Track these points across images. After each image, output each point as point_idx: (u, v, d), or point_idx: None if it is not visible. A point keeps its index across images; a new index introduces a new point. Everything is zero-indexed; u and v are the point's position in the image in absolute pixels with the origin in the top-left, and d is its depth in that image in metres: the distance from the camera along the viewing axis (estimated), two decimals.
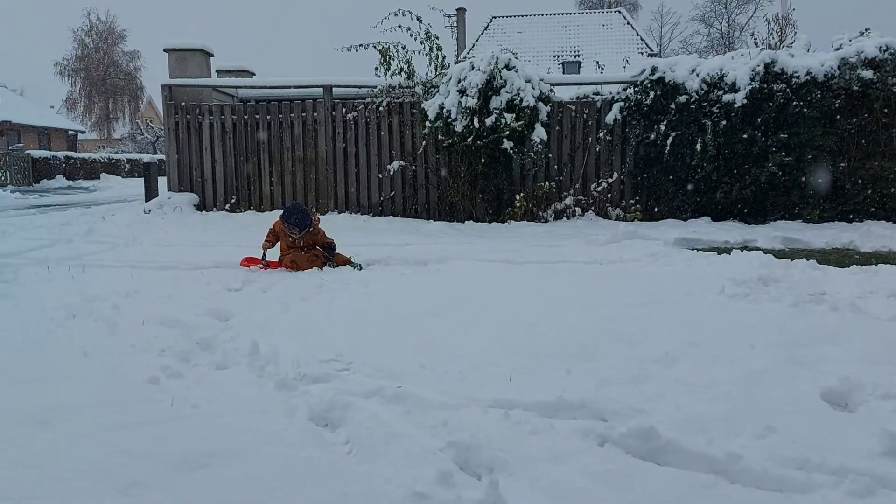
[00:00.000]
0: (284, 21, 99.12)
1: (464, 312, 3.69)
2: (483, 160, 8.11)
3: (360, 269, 5.14)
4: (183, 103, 9.25)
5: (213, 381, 2.72)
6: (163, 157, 22.00)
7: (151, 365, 2.86)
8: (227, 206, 9.21)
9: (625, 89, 8.47)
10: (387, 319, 3.59)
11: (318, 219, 5.41)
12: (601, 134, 8.55)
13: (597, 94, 8.72)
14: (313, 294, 4.27)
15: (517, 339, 3.22)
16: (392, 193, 8.93)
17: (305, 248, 5.25)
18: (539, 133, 7.93)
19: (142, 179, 11.48)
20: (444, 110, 7.89)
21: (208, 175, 9.27)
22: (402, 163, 8.72)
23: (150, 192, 10.50)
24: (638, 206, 8.49)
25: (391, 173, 8.75)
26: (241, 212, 9.14)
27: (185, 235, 7.20)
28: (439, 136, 8.09)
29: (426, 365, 2.89)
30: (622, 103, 8.41)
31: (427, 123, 8.17)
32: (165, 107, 9.35)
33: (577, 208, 8.53)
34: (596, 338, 3.20)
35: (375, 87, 8.79)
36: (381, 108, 8.79)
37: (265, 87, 10.20)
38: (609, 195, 8.62)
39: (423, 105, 8.33)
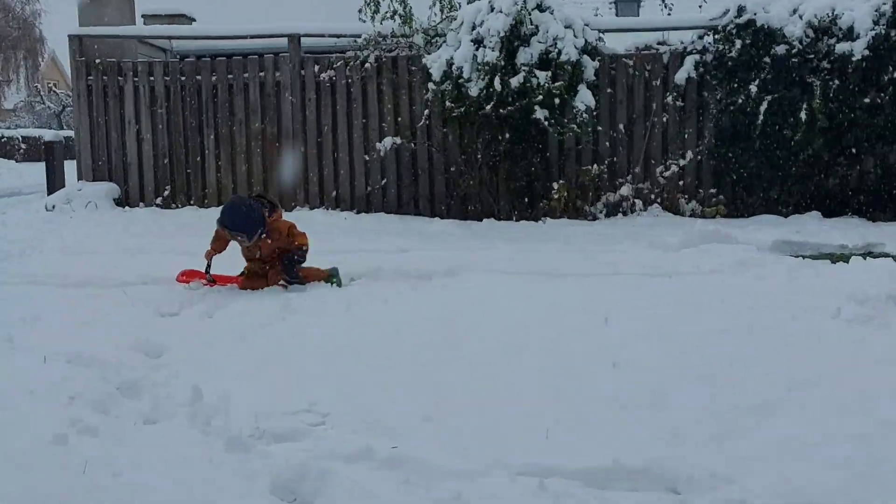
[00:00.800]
0: None
1: (482, 344, 3.67)
2: (507, 135, 8.11)
3: (340, 285, 5.14)
4: (98, 60, 9.32)
5: (141, 440, 2.72)
6: (71, 134, 22.10)
7: (57, 418, 2.85)
8: (159, 201, 9.26)
9: (701, 37, 8.45)
10: (377, 354, 3.58)
11: (280, 212, 5.33)
12: (669, 98, 8.53)
13: (662, 43, 8.70)
14: (278, 320, 4.27)
15: (556, 379, 3.20)
16: (384, 182, 8.95)
17: (270, 260, 5.22)
18: (584, 98, 7.92)
19: (43, 165, 11.51)
20: (454, 67, 7.91)
21: (133, 158, 9.33)
22: (396, 140, 8.74)
23: (54, 182, 10.56)
24: (720, 196, 8.46)
25: (382, 154, 8.77)
26: (177, 207, 9.18)
27: (103, 240, 7.23)
28: (447, 103, 8.10)
29: (432, 416, 2.88)
30: (697, 56, 8.40)
31: (430, 86, 8.19)
32: (74, 65, 9.43)
33: (636, 200, 8.51)
34: (665, 377, 3.18)
35: (359, 36, 8.84)
36: (367, 66, 8.82)
37: (210, 38, 10.27)
38: (681, 182, 8.59)
39: (424, 60, 8.36)
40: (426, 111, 8.65)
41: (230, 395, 3.06)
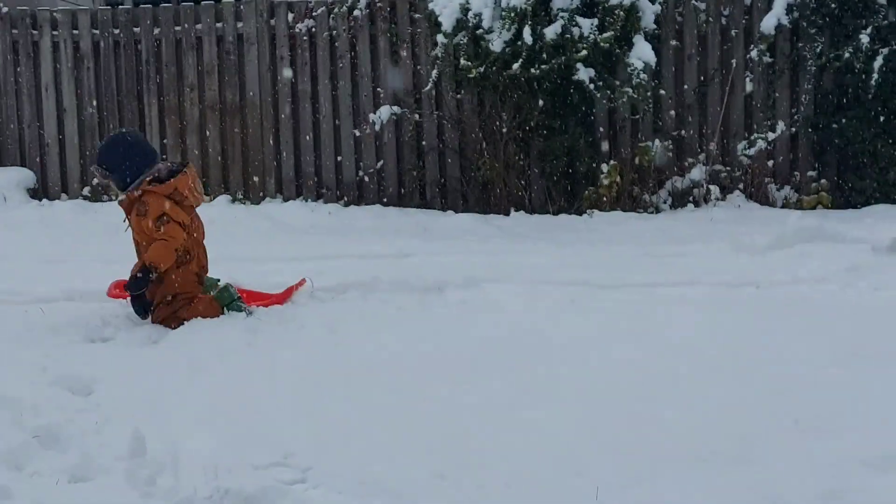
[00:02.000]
0: None
1: (511, 378, 3.65)
2: (541, 102, 8.09)
3: (249, 314, 4.85)
4: (5, 9, 9.35)
5: None
6: None
7: None
8: (87, 191, 9.30)
9: None
10: (372, 391, 3.56)
11: (175, 185, 4.73)
12: (754, 53, 8.49)
13: None
14: (241, 346, 4.26)
15: (607, 424, 3.18)
16: (380, 164, 8.95)
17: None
18: (641, 52, 7.90)
19: None
20: (470, 14, 7.91)
21: (52, 136, 9.36)
22: (395, 109, 8.74)
23: None
24: (822, 181, 8.42)
25: (377, 128, 8.77)
26: (110, 200, 9.18)
27: (13, 243, 7.25)
28: (462, 61, 8.10)
29: (445, 473, 2.87)
30: None
31: (440, 38, 8.19)
32: None
33: (712, 187, 8.48)
34: (754, 421, 3.16)
35: None
36: (357, 13, 8.82)
37: None
38: (770, 163, 8.54)
39: (431, 5, 8.37)
40: (434, 72, 8.63)
41: (179, 445, 3.05)
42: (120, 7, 9.59)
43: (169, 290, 4.77)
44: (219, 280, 5.03)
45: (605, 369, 3.73)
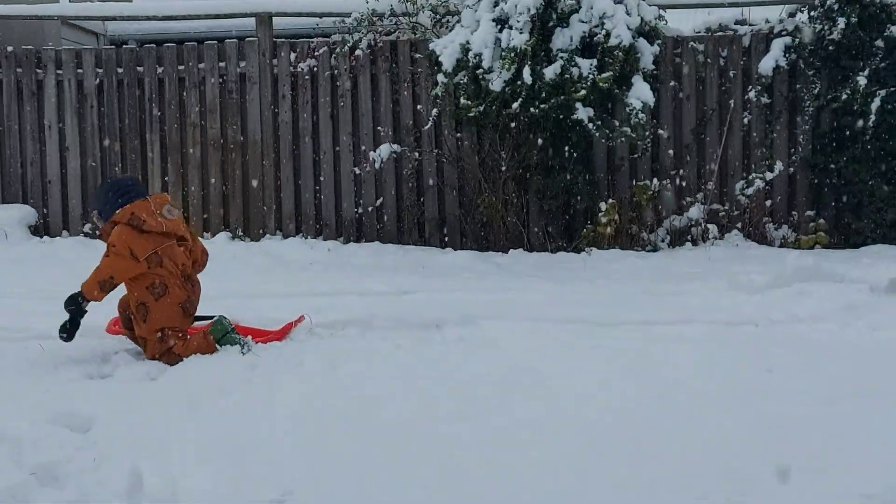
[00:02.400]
0: None
1: (511, 415, 3.65)
2: (540, 141, 8.15)
3: (244, 345, 4.80)
4: (10, 48, 9.44)
5: None
6: None
7: None
8: (88, 228, 9.30)
9: (792, 14, 8.51)
10: (371, 428, 3.56)
11: (135, 212, 4.74)
12: (751, 93, 8.56)
13: (742, 22, 8.75)
14: (241, 383, 4.25)
15: (607, 461, 3.18)
16: (379, 202, 8.99)
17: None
18: (640, 93, 7.95)
19: None
20: (471, 54, 7.96)
21: (54, 174, 9.40)
22: (395, 148, 8.80)
23: None
24: (820, 220, 8.46)
25: (377, 166, 8.82)
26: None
27: (14, 279, 7.27)
28: (461, 100, 8.15)
29: None
30: (788, 39, 8.45)
31: (440, 78, 8.24)
32: None
33: (710, 225, 8.51)
34: (752, 458, 3.16)
35: (349, 15, 8.92)
36: (358, 52, 8.90)
37: (155, 19, 10.36)
38: (768, 202, 8.58)
39: (432, 45, 8.43)
40: (434, 111, 8.68)
41: (178, 482, 3.05)
42: (124, 46, 9.66)
43: (154, 325, 4.78)
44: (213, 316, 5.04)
45: (603, 407, 3.72)
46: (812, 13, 8.35)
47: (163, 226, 4.80)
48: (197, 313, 5.07)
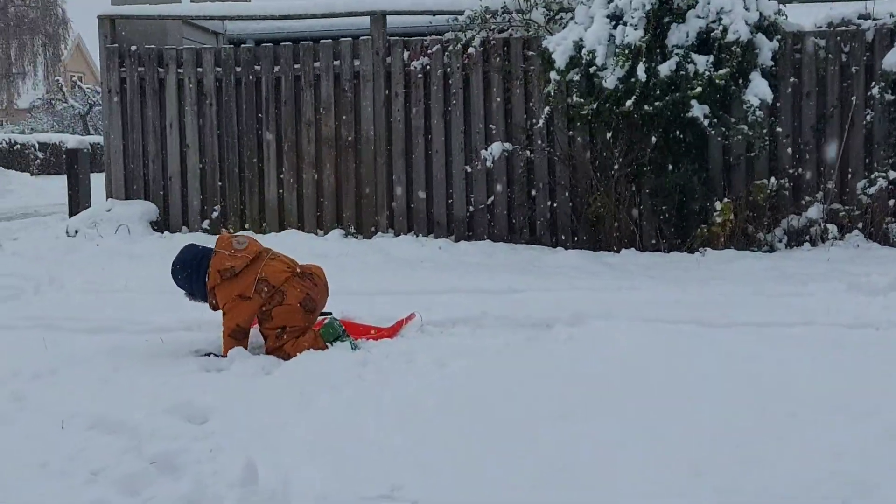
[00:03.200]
0: None
1: (621, 416, 3.62)
2: (654, 139, 8.05)
3: (355, 348, 4.91)
4: (134, 47, 9.76)
5: None
6: (99, 139, 23.04)
7: (75, 499, 2.93)
8: (206, 224, 9.57)
9: None
10: (481, 426, 3.56)
11: (222, 251, 4.93)
12: (875, 90, 8.30)
13: (865, 17, 8.48)
14: (352, 378, 4.32)
15: (717, 466, 3.12)
16: (490, 200, 9.01)
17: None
18: (758, 89, 7.79)
19: (64, 178, 12.04)
20: (584, 52, 7.91)
21: (175, 170, 9.69)
22: (507, 146, 8.80)
23: (78, 201, 11.03)
24: None
25: (489, 164, 8.83)
26: (229, 232, 9.43)
27: (136, 274, 7.48)
28: (574, 98, 8.11)
29: None
30: None
31: (552, 75, 8.21)
32: (105, 54, 9.89)
33: (829, 225, 8.29)
34: (870, 466, 3.07)
35: (462, 13, 8.97)
36: (471, 50, 8.92)
37: (272, 18, 10.58)
38: (891, 201, 8.31)
39: (545, 43, 8.41)
40: (546, 108, 8.68)
41: (290, 475, 3.09)
42: (242, 45, 9.87)
43: (276, 324, 4.92)
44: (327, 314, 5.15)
45: (716, 411, 3.66)
46: None
47: (246, 258, 4.91)
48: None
